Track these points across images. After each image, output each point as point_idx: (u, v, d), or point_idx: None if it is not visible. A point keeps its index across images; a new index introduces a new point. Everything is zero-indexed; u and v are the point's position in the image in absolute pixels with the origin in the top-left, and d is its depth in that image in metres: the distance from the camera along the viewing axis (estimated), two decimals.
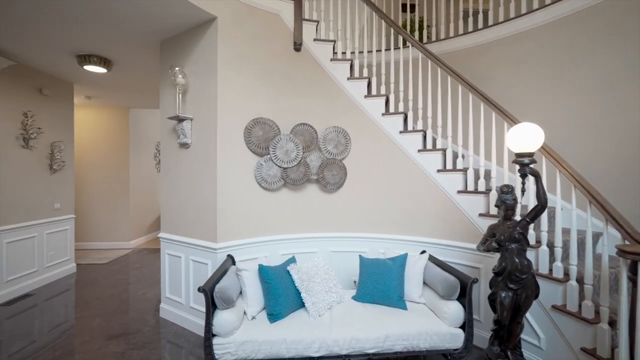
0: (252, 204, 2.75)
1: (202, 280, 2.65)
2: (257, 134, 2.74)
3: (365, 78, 2.94)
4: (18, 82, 3.51)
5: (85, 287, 3.80)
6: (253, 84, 2.73)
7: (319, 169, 2.91)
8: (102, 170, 5.72)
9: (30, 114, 3.65)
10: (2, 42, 2.96)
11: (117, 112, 5.74)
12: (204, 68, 2.64)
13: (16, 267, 3.50)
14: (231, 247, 2.62)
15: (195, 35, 2.69)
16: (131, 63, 3.51)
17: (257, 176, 2.76)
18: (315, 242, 2.97)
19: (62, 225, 4.14)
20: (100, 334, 2.71)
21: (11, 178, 3.44)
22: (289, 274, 2.25)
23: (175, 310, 2.90)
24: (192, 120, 2.71)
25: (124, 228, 5.78)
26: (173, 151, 2.89)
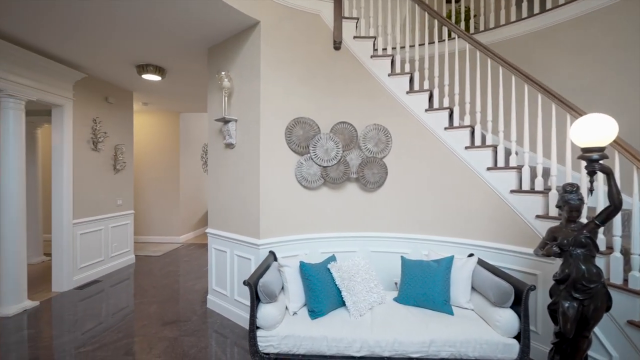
0: (293, 202, 2.81)
1: (246, 275, 2.77)
2: (298, 133, 2.78)
3: (407, 73, 2.85)
4: (89, 92, 3.96)
5: (142, 277, 4.17)
6: (294, 85, 2.79)
7: (358, 167, 2.88)
8: (156, 171, 6.24)
9: (99, 120, 4.10)
10: (77, 57, 3.35)
11: (169, 117, 6.22)
12: (247, 71, 2.75)
13: (87, 256, 3.95)
14: (273, 244, 2.70)
15: (239, 40, 2.82)
16: (182, 70, 3.78)
17: (298, 175, 2.80)
18: (355, 242, 2.94)
19: (123, 219, 4.58)
20: (156, 319, 2.95)
21: (83, 177, 3.89)
22: (330, 272, 2.26)
23: (221, 302, 3.05)
24: (237, 121, 2.84)
25: (174, 224, 6.24)
26: (219, 151, 3.05)
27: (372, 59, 2.90)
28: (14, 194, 3.04)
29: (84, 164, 3.88)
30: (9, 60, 2.95)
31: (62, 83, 3.54)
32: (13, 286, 3.05)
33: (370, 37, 2.92)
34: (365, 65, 2.91)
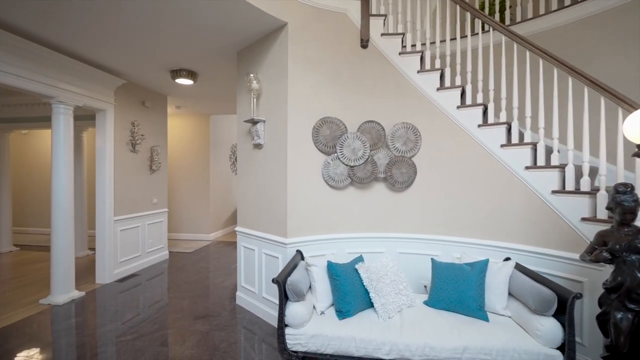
0: (320, 201, 2.81)
1: (274, 273, 2.81)
2: (325, 133, 2.78)
3: (437, 70, 2.76)
4: (128, 97, 4.21)
5: (175, 272, 4.37)
6: (320, 84, 2.79)
7: (386, 167, 2.82)
8: (187, 171, 6.52)
9: (136, 123, 4.35)
10: (117, 64, 3.58)
11: (200, 119, 6.47)
12: (275, 72, 2.79)
13: (126, 251, 4.21)
14: (300, 243, 2.72)
15: (267, 43, 2.87)
16: (213, 74, 3.91)
17: (325, 174, 2.80)
18: (383, 242, 2.89)
19: (158, 217, 4.83)
20: (188, 313, 3.07)
21: (123, 177, 4.14)
22: (357, 273, 2.23)
23: (249, 299, 3.12)
24: (265, 122, 2.89)
25: (204, 222, 6.48)
26: (248, 152, 3.12)
27: (400, 56, 2.84)
28: (64, 193, 3.30)
29: (123, 165, 4.14)
30: (59, 69, 3.21)
31: (104, 89, 3.79)
32: (63, 277, 3.31)
33: (399, 34, 2.86)
34: (393, 62, 2.86)
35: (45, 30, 2.73)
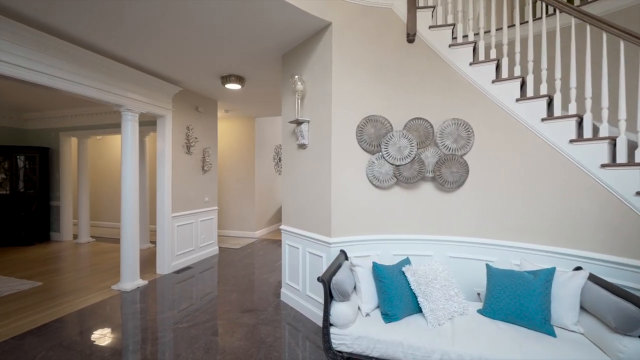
0: (364, 201, 2.77)
1: (318, 272, 2.83)
2: (369, 131, 2.73)
3: (492, 60, 2.55)
4: (183, 103, 4.56)
5: (224, 267, 4.62)
6: (365, 82, 2.75)
7: (435, 165, 2.68)
8: (234, 171, 6.87)
9: (191, 127, 4.69)
10: (175, 73, 3.89)
11: (246, 122, 6.78)
12: (319, 73, 2.81)
13: (182, 245, 4.56)
14: (344, 243, 2.70)
15: (311, 44, 2.90)
16: (258, 78, 4.07)
17: (369, 174, 2.75)
18: (431, 245, 2.75)
19: (209, 215, 5.16)
20: (237, 306, 3.23)
21: (179, 177, 4.49)
22: (404, 276, 2.15)
23: (294, 296, 3.18)
24: (309, 122, 2.93)
25: (250, 220, 6.77)
26: (292, 152, 3.19)
27: (450, 48, 2.68)
28: (131, 192, 3.67)
29: (179, 166, 4.49)
30: (126, 80, 3.58)
31: (164, 97, 4.15)
32: (130, 267, 3.69)
33: (449, 25, 2.70)
34: (442, 55, 2.71)
35: (111, 44, 3.06)
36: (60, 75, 2.93)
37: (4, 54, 2.50)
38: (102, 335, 2.64)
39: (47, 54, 2.81)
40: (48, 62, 2.83)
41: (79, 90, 3.12)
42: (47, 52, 2.80)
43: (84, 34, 2.80)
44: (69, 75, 3.01)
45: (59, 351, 2.40)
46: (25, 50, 2.64)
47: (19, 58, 2.60)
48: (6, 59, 2.52)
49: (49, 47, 2.81)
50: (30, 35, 2.63)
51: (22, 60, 2.62)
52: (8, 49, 2.52)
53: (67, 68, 2.98)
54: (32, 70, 2.71)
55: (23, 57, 2.63)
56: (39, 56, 2.76)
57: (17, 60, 2.59)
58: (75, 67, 3.05)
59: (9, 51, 2.53)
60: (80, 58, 3.07)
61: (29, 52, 2.67)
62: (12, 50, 2.55)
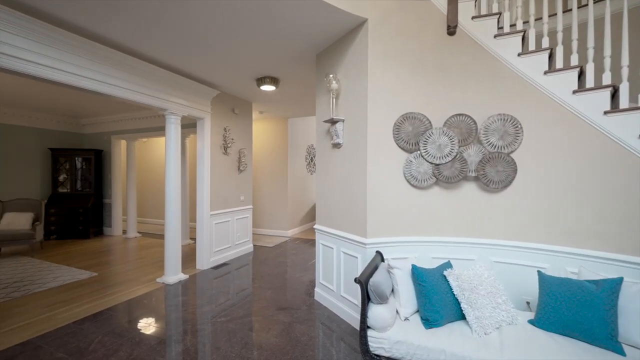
0: (401, 202, 2.68)
1: (352, 273, 2.79)
2: (406, 129, 2.64)
3: (545, 50, 2.34)
4: (220, 106, 4.75)
5: (259, 265, 4.73)
6: (402, 79, 2.66)
7: (478, 164, 2.53)
8: (268, 171, 7.02)
9: (228, 128, 4.87)
10: (213, 77, 4.06)
11: (279, 122, 6.91)
12: (354, 71, 2.77)
13: (219, 242, 4.74)
14: (380, 244, 2.63)
15: (346, 42, 2.87)
16: (292, 79, 4.12)
17: (406, 173, 2.66)
18: (473, 249, 2.59)
19: (245, 213, 5.31)
20: (272, 303, 3.28)
21: (217, 176, 4.68)
22: (446, 280, 2.05)
23: (327, 296, 3.17)
24: (344, 121, 2.90)
25: (283, 219, 6.88)
26: (327, 151, 3.18)
27: (495, 39, 2.51)
28: (174, 191, 3.89)
29: (217, 166, 4.67)
30: (170, 85, 3.80)
31: (203, 100, 4.35)
32: (173, 262, 3.91)
33: (494, 14, 2.53)
34: (486, 47, 2.54)
35: (157, 52, 3.25)
36: (115, 83, 3.18)
37: (67, 64, 2.76)
38: (149, 325, 2.81)
39: (105, 64, 3.06)
40: (105, 72, 3.08)
41: (130, 96, 3.36)
42: (104, 62, 3.05)
43: (132, 42, 3.01)
44: (123, 82, 3.26)
45: (113, 337, 2.59)
46: (85, 61, 2.89)
47: (81, 68, 2.86)
48: (68, 69, 2.77)
49: (106, 57, 3.06)
50: (90, 47, 2.88)
51: (82, 70, 2.88)
52: (71, 60, 2.78)
53: (121, 76, 3.23)
54: (91, 79, 2.96)
55: (83, 67, 2.88)
56: (99, 66, 3.01)
57: (79, 70, 2.85)
58: (126, 74, 3.29)
59: (71, 62, 2.79)
60: (130, 66, 3.30)
61: (89, 63, 2.92)
62: (75, 61, 2.81)
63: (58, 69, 2.70)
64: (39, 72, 2.58)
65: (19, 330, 2.69)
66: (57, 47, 2.68)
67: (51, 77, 2.66)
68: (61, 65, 2.72)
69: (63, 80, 2.76)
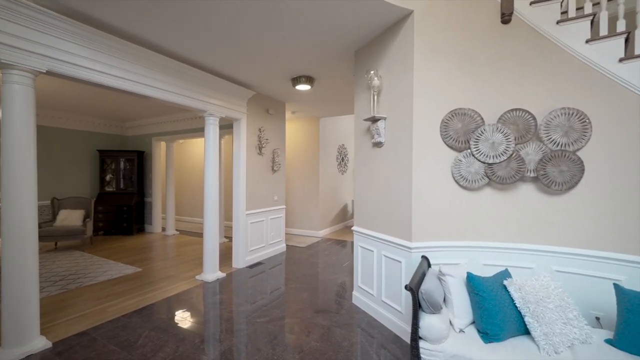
0: (448, 204, 2.52)
1: (395, 277, 2.67)
2: (455, 126, 2.47)
3: (620, 34, 2.08)
4: (255, 107, 4.79)
5: (293, 265, 4.72)
6: (450, 73, 2.50)
7: (538, 164, 2.31)
8: (299, 171, 7.02)
9: (262, 128, 4.91)
10: (249, 78, 4.10)
11: (311, 122, 6.88)
12: (398, 66, 2.65)
13: (254, 242, 4.79)
14: (426, 249, 2.49)
15: (388, 36, 2.75)
16: (328, 77, 4.05)
17: (455, 173, 2.49)
18: (530, 256, 2.37)
19: (278, 213, 5.34)
20: (309, 305, 3.23)
21: (252, 176, 4.73)
22: (506, 290, 1.88)
23: (367, 300, 3.06)
24: (386, 119, 2.78)
25: (314, 219, 6.85)
26: (366, 150, 3.07)
27: (558, 25, 2.28)
28: (213, 190, 3.97)
29: (252, 166, 4.72)
30: (209, 86, 3.88)
31: (240, 101, 4.41)
32: (212, 260, 3.99)
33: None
34: (547, 35, 2.31)
35: (197, 54, 3.32)
36: (162, 87, 3.31)
37: (118, 70, 2.89)
38: (191, 322, 2.87)
39: (154, 69, 3.17)
40: (153, 76, 3.20)
41: (175, 99, 3.47)
42: (154, 68, 3.17)
43: (177, 46, 3.10)
44: (169, 86, 3.38)
45: (159, 332, 2.67)
46: (132, 65, 3.01)
47: (128, 72, 2.98)
48: (118, 73, 2.90)
49: (155, 63, 3.18)
50: (134, 51, 3.00)
51: (129, 74, 3.00)
52: (119, 65, 2.90)
53: (167, 80, 3.35)
54: (140, 83, 3.09)
55: (131, 71, 3.00)
56: (147, 71, 3.14)
57: (129, 75, 2.97)
58: (171, 78, 3.40)
59: (120, 67, 2.91)
60: (176, 70, 3.40)
61: (135, 67, 3.04)
62: (124, 66, 2.94)
63: (110, 74, 2.83)
64: (91, 77, 2.70)
65: (76, 321, 2.86)
66: (109, 53, 2.81)
67: (104, 82, 2.79)
68: (113, 70, 2.85)
69: (116, 85, 2.89)
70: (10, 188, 2.21)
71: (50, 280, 3.86)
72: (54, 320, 2.85)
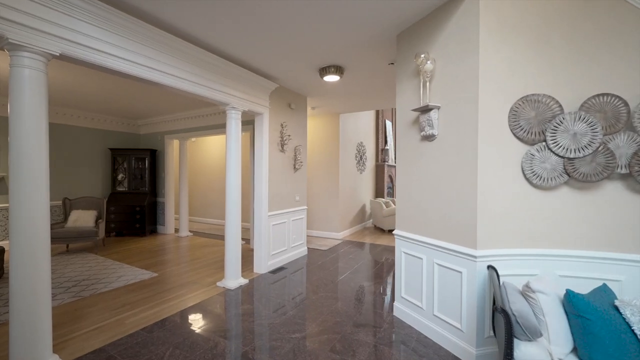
0: (517, 205, 2.17)
1: (452, 290, 2.33)
2: (527, 115, 2.13)
3: None
4: (278, 101, 4.48)
5: (318, 270, 4.40)
6: (521, 54, 2.15)
7: (632, 158, 1.95)
8: (319, 170, 6.70)
9: (284, 124, 4.60)
10: (272, 69, 3.79)
11: (331, 119, 6.56)
12: (456, 47, 2.31)
13: (276, 245, 4.48)
14: (492, 257, 2.15)
15: (443, 14, 2.41)
16: (359, 66, 3.72)
17: (526, 170, 2.15)
18: (620, 267, 2.02)
19: (300, 214, 5.02)
20: (346, 318, 2.91)
21: (274, 175, 4.42)
22: (617, 312, 1.53)
23: (413, 313, 2.73)
24: (440, 108, 2.44)
25: (334, 220, 6.53)
26: (413, 145, 2.74)
27: None
28: (235, 190, 3.67)
29: (274, 164, 4.42)
30: (231, 77, 3.58)
31: (262, 94, 4.10)
32: (234, 266, 3.69)
33: None
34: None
35: (218, 39, 3.02)
36: (182, 76, 3.01)
37: (137, 55, 2.60)
38: (219, 337, 2.57)
39: (174, 56, 2.88)
40: (172, 64, 2.90)
41: (197, 90, 3.17)
42: (174, 55, 2.87)
43: (200, 32, 2.80)
44: (190, 75, 3.08)
45: (184, 350, 2.37)
46: (153, 52, 2.72)
47: (148, 59, 2.69)
48: (138, 60, 2.61)
49: (173, 48, 2.88)
50: (156, 35, 2.71)
51: (150, 61, 2.71)
52: (139, 51, 2.61)
53: (188, 69, 3.05)
54: (159, 71, 2.79)
55: (152, 58, 2.71)
56: (165, 57, 2.84)
57: (147, 62, 2.68)
58: (193, 67, 3.10)
59: (140, 52, 2.62)
60: (198, 59, 3.11)
61: (156, 54, 2.75)
62: (144, 52, 2.65)
63: (129, 61, 2.54)
64: (107, 62, 2.41)
65: (92, 335, 2.58)
66: (130, 37, 2.51)
67: (122, 69, 2.50)
68: (132, 56, 2.56)
69: (135, 72, 2.59)
70: (20, 186, 1.93)
71: (63, 287, 3.60)
72: (68, 334, 2.58)
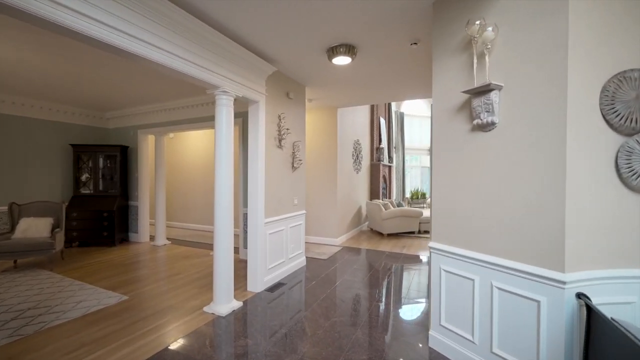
0: (609, 213, 1.68)
1: (521, 322, 1.80)
2: (626, 97, 1.64)
3: None
4: (275, 88, 3.84)
5: (322, 285, 3.79)
6: (616, 18, 1.66)
7: None
8: (315, 169, 6.09)
9: (282, 116, 3.96)
10: (272, 48, 3.16)
11: (328, 113, 5.98)
12: (530, 8, 1.79)
13: (273, 257, 3.83)
14: (584, 282, 1.64)
15: None
16: (375, 45, 3.14)
17: (623, 168, 1.66)
18: None
19: (298, 220, 4.40)
20: (373, 354, 2.33)
21: (271, 175, 3.77)
22: None
23: (458, 347, 2.19)
24: (502, 89, 1.92)
25: (331, 225, 5.94)
26: (459, 137, 2.20)
27: None
28: (226, 193, 3.00)
29: (271, 162, 3.77)
30: (224, 55, 2.91)
31: (258, 79, 3.45)
32: (225, 286, 3.01)
33: None
34: None
35: (209, 7, 2.37)
36: (169, 49, 2.33)
37: (111, 17, 1.88)
38: None
39: (160, 24, 2.17)
40: (158, 33, 2.21)
41: (180, 67, 2.48)
42: (160, 22, 2.16)
43: None
44: (176, 49, 2.40)
45: None
46: (137, 17, 2.01)
47: (131, 26, 1.98)
48: (118, 25, 1.89)
49: (160, 13, 2.18)
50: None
51: (133, 28, 1.99)
52: (118, 13, 1.90)
53: (176, 41, 2.37)
54: (142, 41, 2.09)
55: (135, 25, 2.00)
56: (151, 25, 2.15)
57: (130, 29, 1.96)
58: (178, 38, 2.40)
59: (120, 16, 1.91)
60: (186, 27, 2.41)
61: (140, 19, 2.03)
62: (125, 17, 1.93)
63: (105, 24, 1.82)
64: (66, 21, 1.70)
65: None
66: None
67: (92, 33, 1.78)
68: (110, 20, 1.84)
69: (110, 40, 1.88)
70: None
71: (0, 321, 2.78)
72: None
